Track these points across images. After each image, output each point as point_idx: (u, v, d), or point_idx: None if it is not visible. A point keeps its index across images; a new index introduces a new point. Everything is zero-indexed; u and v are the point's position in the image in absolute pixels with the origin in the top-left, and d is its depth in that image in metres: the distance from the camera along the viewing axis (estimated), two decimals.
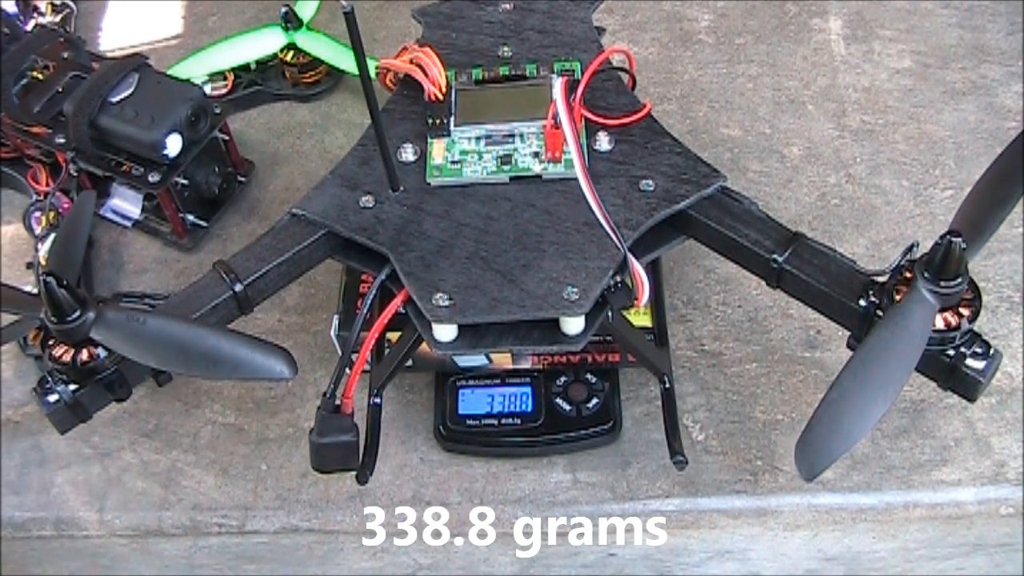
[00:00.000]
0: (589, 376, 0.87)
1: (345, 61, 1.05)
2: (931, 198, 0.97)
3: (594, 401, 0.85)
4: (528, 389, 0.87)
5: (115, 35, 1.16)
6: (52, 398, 0.69)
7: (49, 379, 0.70)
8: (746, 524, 0.83)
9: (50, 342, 0.69)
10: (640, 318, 0.85)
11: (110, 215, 0.99)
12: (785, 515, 0.83)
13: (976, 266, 0.66)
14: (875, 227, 0.95)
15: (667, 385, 0.82)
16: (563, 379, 0.87)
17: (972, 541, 0.86)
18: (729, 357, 0.89)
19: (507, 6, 0.85)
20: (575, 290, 0.68)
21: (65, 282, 0.66)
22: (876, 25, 1.10)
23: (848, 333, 0.71)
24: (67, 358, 0.69)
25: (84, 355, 0.69)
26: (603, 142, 0.75)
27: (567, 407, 0.85)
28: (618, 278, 0.69)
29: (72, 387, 0.69)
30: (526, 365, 0.87)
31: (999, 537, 0.85)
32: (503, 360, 0.86)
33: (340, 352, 0.87)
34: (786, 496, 0.82)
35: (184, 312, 0.71)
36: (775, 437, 0.85)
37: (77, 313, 0.67)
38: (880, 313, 0.67)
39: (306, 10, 1.05)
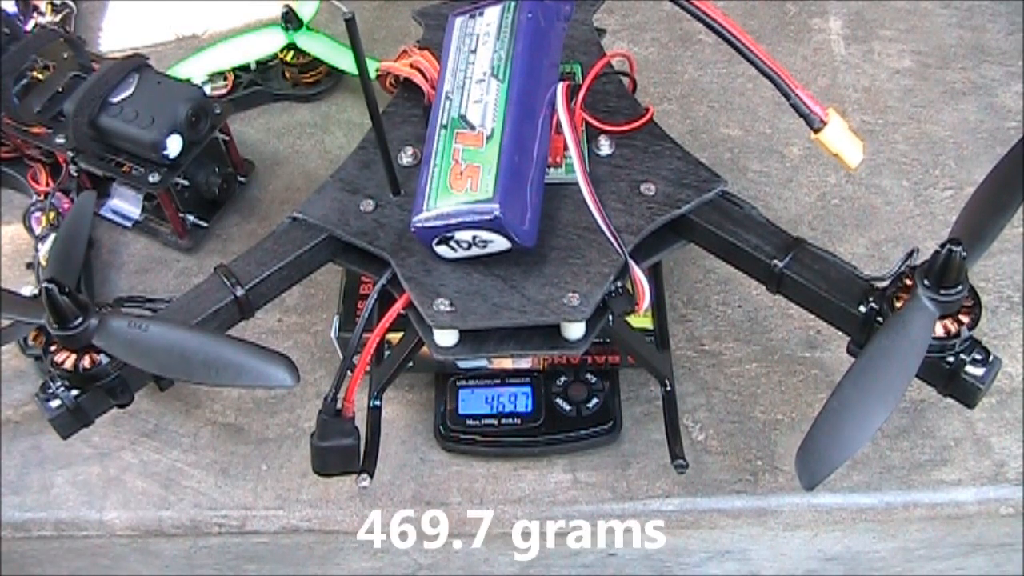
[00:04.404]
0: (589, 376, 0.87)
1: (345, 61, 1.05)
2: (931, 198, 0.97)
3: (594, 401, 0.86)
4: (528, 389, 0.87)
5: (115, 35, 1.15)
6: (54, 404, 0.69)
7: (51, 384, 0.70)
8: (746, 524, 0.84)
9: (52, 348, 0.69)
10: (641, 321, 0.85)
11: (110, 215, 0.99)
12: (785, 515, 0.83)
13: (976, 266, 0.66)
14: (875, 227, 0.95)
15: (668, 388, 0.82)
16: (563, 379, 0.87)
17: (972, 541, 0.86)
18: (729, 357, 0.89)
19: None
20: (576, 296, 0.68)
21: (67, 288, 0.66)
22: (876, 25, 1.10)
23: (848, 338, 0.71)
24: (69, 364, 0.69)
25: (86, 361, 0.69)
26: (604, 146, 0.75)
27: (567, 407, 0.85)
28: (619, 283, 0.69)
29: (74, 392, 0.70)
30: (526, 365, 0.87)
31: (999, 537, 0.86)
32: (503, 361, 0.86)
33: (340, 353, 0.87)
34: (786, 496, 0.83)
35: (186, 317, 0.71)
36: (775, 437, 0.85)
37: (79, 320, 0.67)
38: (880, 319, 0.67)
39: (306, 10, 1.05)
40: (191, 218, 0.97)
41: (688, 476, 0.83)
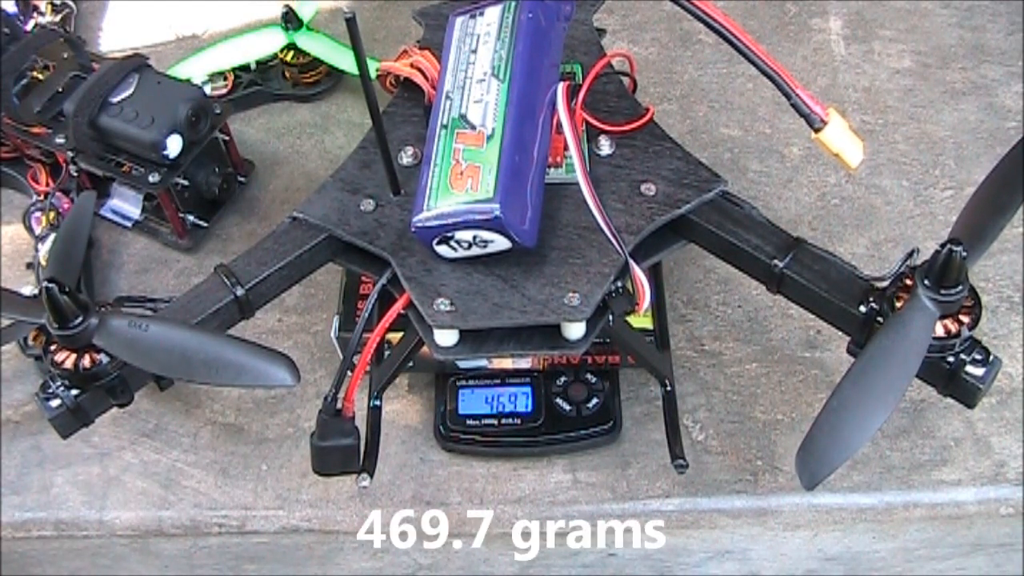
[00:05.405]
0: (589, 376, 0.87)
1: (345, 61, 1.05)
2: (931, 198, 0.97)
3: (594, 401, 0.86)
4: (528, 389, 0.87)
5: (115, 35, 1.16)
6: (54, 403, 0.69)
7: (51, 384, 0.69)
8: (746, 524, 0.84)
9: (52, 347, 0.69)
10: (641, 321, 0.85)
11: (110, 215, 0.99)
12: (785, 515, 0.83)
13: (976, 266, 0.66)
14: (875, 227, 0.95)
15: (668, 388, 0.82)
16: (563, 379, 0.87)
17: (972, 541, 0.86)
18: (729, 357, 0.89)
19: None
20: (576, 295, 0.68)
21: (67, 288, 0.66)
22: (876, 25, 1.10)
23: (848, 338, 0.71)
24: (69, 364, 0.68)
25: (86, 361, 0.69)
26: (604, 146, 0.75)
27: (567, 407, 0.85)
28: (619, 283, 0.69)
29: (74, 392, 0.69)
30: (526, 365, 0.87)
31: (999, 537, 0.86)
32: (503, 361, 0.86)
33: (340, 353, 0.87)
34: (786, 496, 0.83)
35: (186, 317, 0.71)
36: (775, 437, 0.85)
37: (79, 319, 0.67)
38: (880, 319, 0.67)
39: (306, 10, 1.05)
40: (191, 218, 0.97)
41: (688, 476, 0.83)
